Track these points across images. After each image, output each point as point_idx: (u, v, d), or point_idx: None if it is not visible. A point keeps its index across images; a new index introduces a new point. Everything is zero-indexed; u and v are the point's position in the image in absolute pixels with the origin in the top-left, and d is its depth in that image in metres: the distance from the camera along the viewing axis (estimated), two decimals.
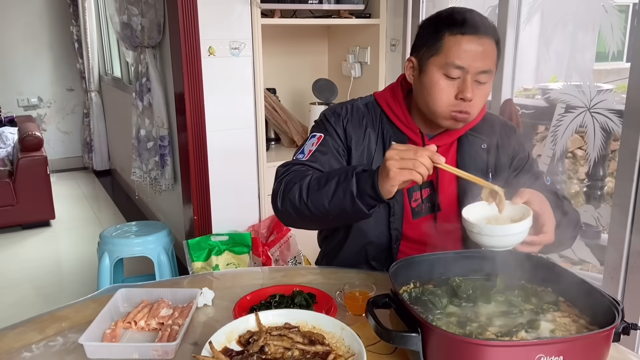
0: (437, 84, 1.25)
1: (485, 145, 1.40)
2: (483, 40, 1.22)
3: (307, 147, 1.36)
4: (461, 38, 1.21)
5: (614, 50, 2.04)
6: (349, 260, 1.46)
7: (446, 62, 1.22)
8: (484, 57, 1.22)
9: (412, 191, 1.38)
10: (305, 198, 1.22)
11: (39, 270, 3.47)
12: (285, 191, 1.26)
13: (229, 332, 1.00)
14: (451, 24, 1.23)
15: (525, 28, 2.34)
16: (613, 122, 2.04)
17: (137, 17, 3.14)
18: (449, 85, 1.24)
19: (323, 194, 1.20)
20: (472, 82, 1.23)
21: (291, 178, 1.28)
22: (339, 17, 2.94)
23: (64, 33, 5.63)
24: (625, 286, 1.86)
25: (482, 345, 0.85)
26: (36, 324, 1.15)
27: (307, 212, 1.23)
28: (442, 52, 1.23)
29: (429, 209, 1.40)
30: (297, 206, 1.24)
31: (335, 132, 1.39)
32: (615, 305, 0.91)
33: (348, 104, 1.43)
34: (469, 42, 1.21)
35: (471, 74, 1.22)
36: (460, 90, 1.23)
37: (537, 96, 2.54)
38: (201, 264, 2.58)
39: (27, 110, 5.71)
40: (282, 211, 1.28)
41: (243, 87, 2.76)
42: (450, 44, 1.22)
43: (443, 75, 1.24)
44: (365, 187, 1.14)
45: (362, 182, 1.15)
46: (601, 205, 2.28)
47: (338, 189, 1.18)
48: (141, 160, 3.49)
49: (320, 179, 1.22)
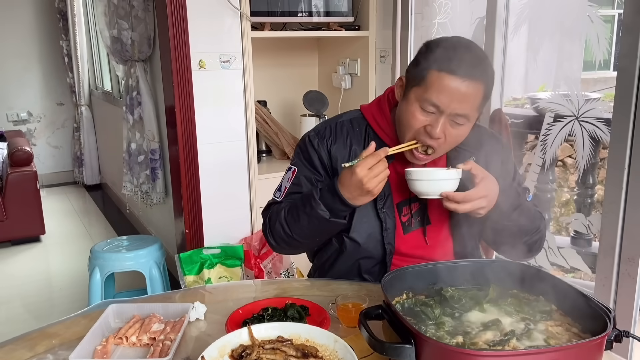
0: (412, 114, 1.24)
1: (474, 158, 1.40)
2: (467, 83, 1.18)
3: (284, 184, 1.43)
4: (444, 76, 1.18)
5: (600, 60, 2.07)
6: (342, 274, 1.45)
7: (424, 96, 1.21)
8: (463, 100, 1.19)
9: (401, 206, 1.38)
10: (289, 232, 1.34)
11: (29, 287, 3.43)
12: (272, 230, 1.38)
13: (221, 346, 0.99)
14: (439, 58, 1.19)
15: (513, 39, 2.36)
16: (601, 131, 2.06)
17: (127, 31, 3.14)
18: (423, 117, 1.24)
19: (301, 225, 1.31)
20: (445, 121, 1.22)
21: (272, 217, 1.39)
22: (328, 30, 2.96)
23: (53, 47, 5.62)
24: (617, 293, 1.87)
25: (475, 355, 0.85)
26: (26, 342, 1.13)
27: (297, 242, 1.36)
28: (423, 84, 1.21)
29: (419, 223, 1.40)
30: (287, 240, 1.36)
31: (316, 154, 1.40)
32: (607, 313, 0.92)
33: (332, 123, 1.44)
34: (450, 82, 1.18)
35: (446, 114, 1.21)
36: (430, 124, 1.23)
37: (526, 105, 2.56)
38: (193, 277, 2.57)
39: (16, 125, 5.68)
40: (278, 246, 1.40)
41: (234, 100, 2.77)
42: (432, 79, 1.19)
43: (419, 107, 1.23)
44: (335, 205, 1.25)
45: (330, 203, 1.25)
46: (592, 213, 2.30)
47: (311, 218, 1.28)
48: (132, 174, 3.47)
49: (292, 212, 1.33)
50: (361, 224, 1.37)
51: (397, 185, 1.38)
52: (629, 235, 1.81)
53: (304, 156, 1.42)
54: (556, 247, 2.28)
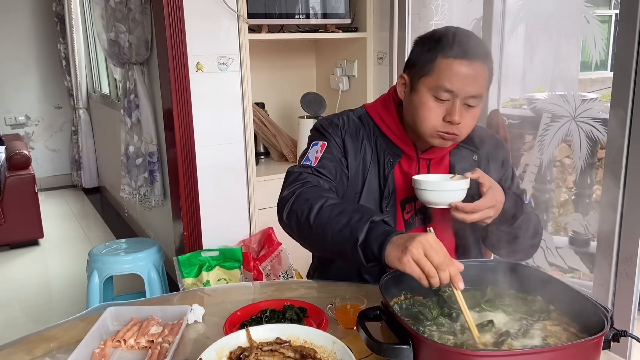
0: (425, 105, 1.25)
1: (477, 157, 1.41)
2: (475, 65, 1.21)
3: (312, 155, 1.33)
4: (453, 62, 1.21)
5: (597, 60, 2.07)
6: (342, 273, 1.45)
7: (436, 84, 1.22)
8: (475, 81, 1.22)
9: (405, 203, 1.39)
10: (312, 220, 1.16)
11: (27, 290, 3.42)
12: (294, 204, 1.21)
13: (219, 348, 0.99)
14: (445, 45, 1.22)
15: (510, 39, 2.37)
16: (598, 131, 2.06)
17: (125, 34, 3.15)
18: (438, 107, 1.24)
19: (330, 224, 1.13)
20: (460, 105, 1.23)
21: (304, 192, 1.23)
22: (326, 32, 2.97)
23: (51, 51, 5.62)
24: (615, 293, 1.87)
25: (473, 355, 0.85)
26: (24, 345, 1.13)
27: (308, 234, 1.19)
28: (433, 74, 1.23)
29: (422, 221, 1.41)
30: (302, 224, 1.19)
31: (335, 141, 1.37)
32: (604, 312, 0.92)
33: (343, 115, 1.43)
34: (460, 66, 1.21)
35: (460, 98, 1.23)
36: (448, 112, 1.24)
37: (524, 106, 2.56)
38: (192, 280, 2.57)
39: (14, 128, 5.67)
40: (286, 223, 1.24)
41: (231, 102, 2.77)
42: (441, 67, 1.22)
43: (432, 97, 1.24)
44: (372, 241, 1.05)
45: (372, 235, 1.06)
46: (589, 213, 2.30)
47: (346, 227, 1.10)
48: (130, 177, 3.47)
49: (334, 207, 1.15)
50: None
51: (401, 182, 1.39)
52: (627, 235, 1.81)
53: (327, 137, 1.37)
54: (554, 247, 2.29)
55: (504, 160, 1.46)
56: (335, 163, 1.33)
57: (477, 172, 1.23)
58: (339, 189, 1.35)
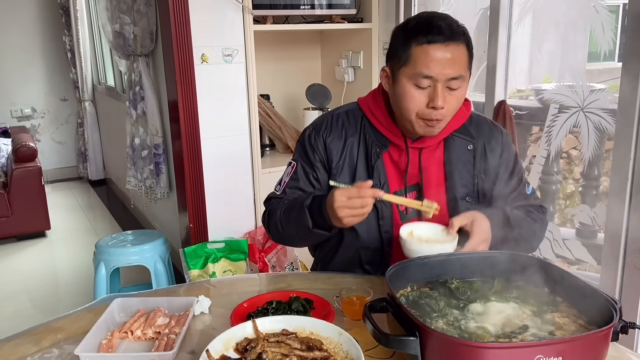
0: (408, 94, 1.26)
1: (472, 147, 1.39)
2: (451, 47, 1.21)
3: (284, 178, 1.47)
4: (427, 47, 1.21)
5: (605, 50, 2.05)
6: (343, 265, 1.46)
7: (414, 72, 1.23)
8: (453, 64, 1.22)
9: (399, 194, 1.38)
10: (282, 230, 1.40)
11: (34, 282, 3.45)
12: (269, 225, 1.44)
13: (226, 339, 0.99)
14: (417, 33, 1.22)
15: (517, 30, 2.35)
16: (607, 122, 2.04)
17: (130, 25, 3.14)
18: (420, 95, 1.25)
19: (291, 227, 1.37)
20: (442, 89, 1.23)
21: (271, 212, 1.44)
22: (331, 22, 2.95)
23: (56, 43, 5.62)
24: (622, 285, 1.86)
25: (481, 347, 0.85)
26: (31, 336, 1.14)
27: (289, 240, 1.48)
28: (410, 62, 1.23)
29: (416, 212, 1.40)
30: (282, 236, 1.44)
31: (312, 151, 1.42)
32: (613, 304, 0.91)
33: (329, 115, 1.46)
34: (435, 51, 1.21)
35: (441, 82, 1.23)
36: (430, 99, 1.24)
37: (531, 97, 2.55)
38: (198, 271, 2.57)
39: (20, 121, 5.69)
40: (276, 240, 1.48)
41: (236, 94, 2.76)
42: (417, 54, 1.22)
43: (413, 85, 1.25)
44: (318, 219, 1.27)
45: (314, 215, 1.28)
46: (597, 204, 2.29)
47: (299, 224, 1.32)
48: (136, 169, 3.48)
49: (286, 213, 1.38)
50: None
51: (393, 174, 1.39)
52: (635, 227, 1.80)
53: (303, 152, 1.45)
54: (561, 239, 2.28)
55: (504, 149, 1.42)
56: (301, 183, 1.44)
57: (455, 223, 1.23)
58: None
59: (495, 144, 1.42)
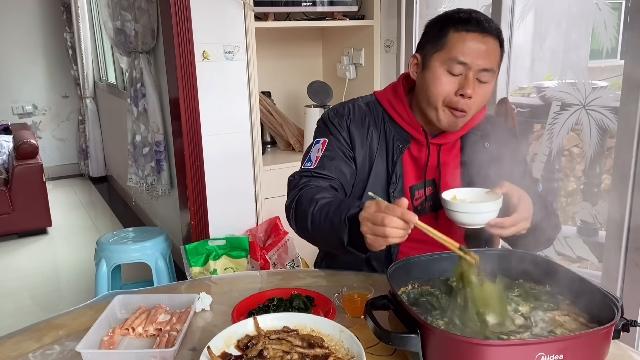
0: (439, 79, 1.26)
1: (488, 144, 1.40)
2: (487, 39, 1.23)
3: (314, 154, 1.37)
4: (465, 35, 1.23)
5: (607, 48, 2.05)
6: (350, 261, 1.44)
7: (449, 57, 1.24)
8: (487, 55, 1.23)
9: (414, 189, 1.39)
10: (310, 228, 1.23)
11: (36, 279, 3.45)
12: (297, 213, 1.27)
13: (227, 336, 0.99)
14: (456, 21, 1.25)
15: (520, 27, 2.34)
16: (608, 119, 2.04)
17: (131, 22, 3.13)
18: (451, 82, 1.25)
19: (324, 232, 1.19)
20: (473, 79, 1.24)
21: (301, 197, 1.28)
22: (332, 19, 2.94)
23: (57, 40, 5.62)
24: (623, 283, 1.86)
25: (482, 345, 0.84)
26: (33, 333, 1.14)
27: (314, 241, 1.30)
28: (446, 48, 1.24)
29: (431, 208, 1.40)
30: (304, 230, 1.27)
31: (339, 133, 1.38)
32: (614, 302, 0.91)
33: (349, 104, 1.43)
34: (472, 40, 1.23)
35: (473, 71, 1.23)
36: (461, 86, 1.24)
37: (532, 95, 2.54)
38: (199, 269, 2.58)
39: (22, 118, 5.69)
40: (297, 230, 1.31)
41: (238, 91, 2.76)
42: (454, 40, 1.24)
43: (445, 71, 1.25)
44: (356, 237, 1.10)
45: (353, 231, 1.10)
46: (598, 202, 2.29)
47: (333, 232, 1.15)
48: (137, 166, 3.48)
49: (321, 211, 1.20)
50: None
51: (411, 168, 1.38)
52: (637, 225, 1.80)
53: (331, 129, 1.40)
54: (563, 236, 2.27)
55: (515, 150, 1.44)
56: (337, 159, 1.35)
57: (505, 186, 1.19)
58: (343, 181, 1.36)
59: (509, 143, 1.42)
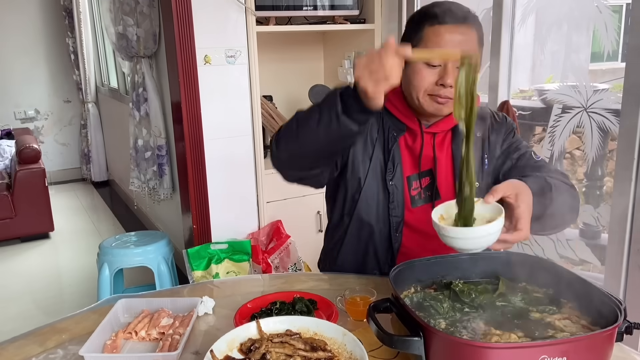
0: (419, 73, 1.28)
1: (479, 134, 1.41)
2: (462, 29, 1.26)
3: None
4: (439, 27, 1.26)
5: (609, 50, 2.05)
6: (352, 252, 1.46)
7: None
8: (463, 45, 1.25)
9: (411, 179, 1.40)
10: (295, 129, 1.21)
11: (39, 283, 3.45)
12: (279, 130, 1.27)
13: (230, 340, 0.99)
14: (430, 16, 1.28)
15: (520, 30, 2.35)
16: (610, 122, 2.04)
17: (133, 27, 3.15)
18: (430, 74, 1.27)
19: (312, 120, 1.17)
20: (453, 68, 1.25)
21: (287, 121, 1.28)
22: (334, 23, 2.95)
23: (60, 45, 5.64)
24: (626, 285, 1.86)
25: (486, 347, 0.84)
26: (36, 337, 1.14)
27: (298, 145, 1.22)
28: (422, 43, 1.28)
29: (429, 198, 1.41)
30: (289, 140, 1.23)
31: None
32: (617, 304, 0.91)
33: None
34: (446, 32, 1.25)
35: (452, 61, 1.25)
36: (440, 76, 1.27)
37: (534, 97, 2.54)
38: (201, 272, 2.58)
39: (24, 122, 5.71)
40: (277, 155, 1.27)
41: (239, 95, 2.76)
42: (429, 35, 1.27)
43: (424, 65, 1.27)
44: (349, 102, 1.11)
45: (345, 98, 1.12)
46: (600, 204, 2.28)
47: (323, 112, 1.15)
48: (139, 170, 3.48)
49: (308, 109, 1.22)
50: (369, 194, 1.39)
51: (407, 158, 1.40)
52: (639, 227, 1.79)
53: None
54: (565, 239, 2.27)
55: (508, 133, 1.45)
56: None
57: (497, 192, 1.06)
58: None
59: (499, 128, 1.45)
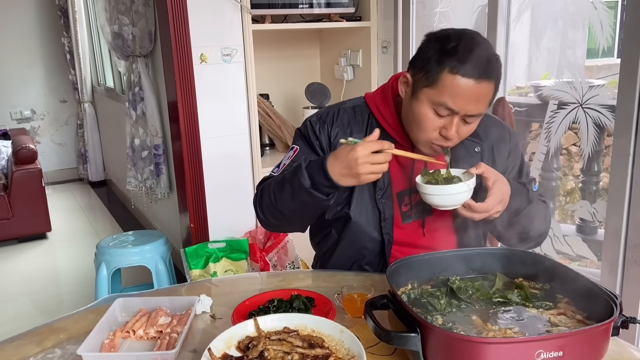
0: (425, 117, 1.22)
1: (479, 149, 1.39)
2: (482, 84, 1.16)
3: (284, 161, 1.40)
4: (460, 80, 1.15)
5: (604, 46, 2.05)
6: (342, 265, 1.45)
7: (439, 100, 1.18)
8: (477, 102, 1.18)
9: (402, 195, 1.38)
10: (274, 201, 1.31)
11: (36, 283, 3.45)
12: (261, 201, 1.36)
13: (228, 338, 0.99)
14: (454, 59, 1.15)
15: (516, 26, 2.35)
16: (606, 118, 2.04)
17: (128, 26, 3.14)
18: (435, 120, 1.22)
19: (285, 195, 1.28)
20: (459, 121, 1.21)
21: (264, 188, 1.36)
22: (329, 21, 2.95)
23: (55, 45, 5.62)
24: (623, 280, 1.86)
25: (482, 342, 0.85)
26: (34, 337, 1.14)
27: (281, 215, 1.33)
28: (437, 87, 1.18)
29: (420, 214, 1.39)
30: (272, 211, 1.34)
31: (314, 141, 1.39)
32: (613, 299, 0.92)
33: (335, 108, 1.42)
34: (465, 86, 1.15)
35: (460, 116, 1.20)
36: (444, 127, 1.22)
37: (530, 94, 2.55)
38: (199, 271, 2.58)
39: (20, 123, 5.69)
40: (265, 219, 1.38)
41: (236, 94, 2.76)
42: (447, 82, 1.16)
43: (432, 111, 1.21)
44: (318, 178, 1.21)
45: (314, 174, 1.21)
46: (597, 200, 2.29)
47: (294, 187, 1.25)
48: (136, 170, 3.48)
49: (279, 181, 1.31)
50: (360, 213, 1.37)
51: (398, 174, 1.37)
52: (635, 222, 1.80)
53: (306, 140, 1.42)
54: (562, 235, 2.28)
55: (511, 151, 1.42)
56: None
57: (481, 167, 1.22)
58: None
59: (504, 145, 1.41)
